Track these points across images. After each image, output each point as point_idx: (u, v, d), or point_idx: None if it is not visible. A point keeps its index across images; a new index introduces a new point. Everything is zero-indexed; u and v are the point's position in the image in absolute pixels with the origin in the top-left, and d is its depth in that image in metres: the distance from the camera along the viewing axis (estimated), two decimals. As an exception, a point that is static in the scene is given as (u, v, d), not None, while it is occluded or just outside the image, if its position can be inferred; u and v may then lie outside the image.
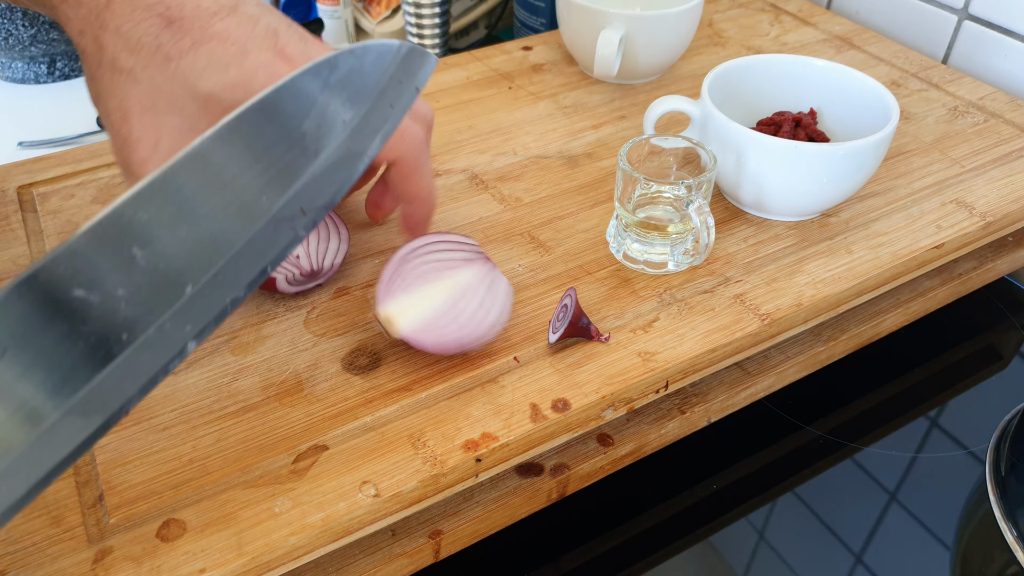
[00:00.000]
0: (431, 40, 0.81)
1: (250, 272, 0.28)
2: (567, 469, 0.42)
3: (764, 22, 0.75)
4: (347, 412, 0.39)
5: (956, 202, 0.52)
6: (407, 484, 0.35)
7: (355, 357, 0.41)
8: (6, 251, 0.48)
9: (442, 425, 0.38)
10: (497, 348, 0.42)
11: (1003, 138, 0.59)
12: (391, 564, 0.38)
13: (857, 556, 0.43)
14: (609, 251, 0.48)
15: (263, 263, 0.28)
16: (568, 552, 0.43)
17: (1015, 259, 0.57)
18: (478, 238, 0.49)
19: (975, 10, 0.68)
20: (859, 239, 0.49)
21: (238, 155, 0.28)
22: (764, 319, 0.44)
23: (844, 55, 0.69)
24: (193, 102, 0.36)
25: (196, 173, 0.27)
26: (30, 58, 0.78)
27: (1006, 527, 0.43)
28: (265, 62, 0.35)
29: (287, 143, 0.29)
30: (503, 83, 0.65)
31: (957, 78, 0.66)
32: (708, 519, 0.45)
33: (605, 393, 0.39)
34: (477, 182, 0.54)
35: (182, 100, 0.36)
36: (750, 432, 0.49)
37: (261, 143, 0.29)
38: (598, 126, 0.60)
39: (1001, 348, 0.56)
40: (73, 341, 0.24)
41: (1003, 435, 0.48)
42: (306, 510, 0.34)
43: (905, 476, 0.47)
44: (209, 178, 0.27)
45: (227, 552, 0.33)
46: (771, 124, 0.52)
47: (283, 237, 0.29)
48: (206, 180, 0.27)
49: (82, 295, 0.24)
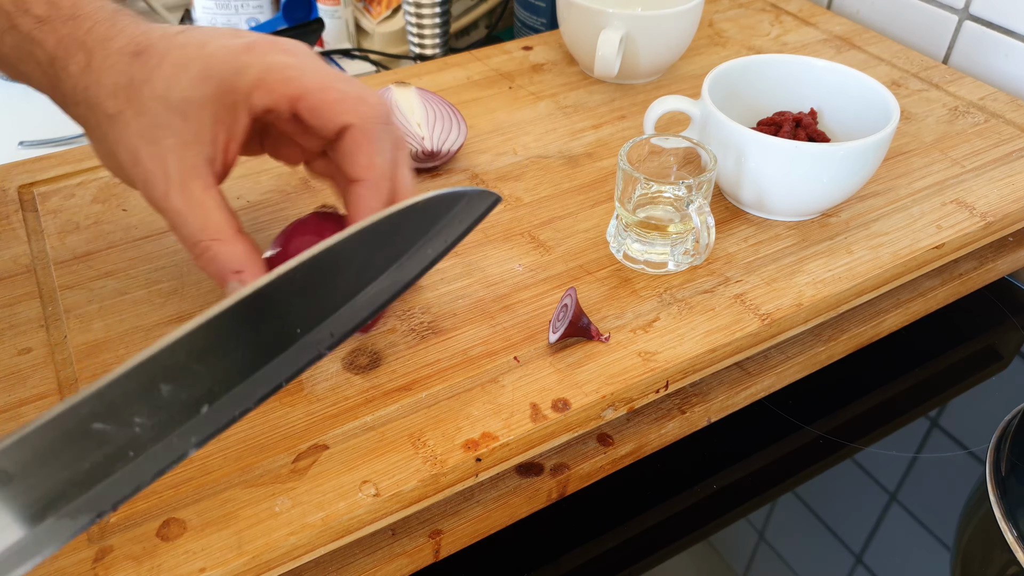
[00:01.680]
0: (431, 40, 0.81)
1: (266, 388, 0.28)
2: (567, 469, 0.42)
3: (764, 22, 0.75)
4: (347, 412, 0.39)
5: (956, 202, 0.52)
6: (407, 484, 0.35)
7: (355, 357, 0.41)
8: (7, 250, 0.48)
9: (442, 425, 0.38)
10: (497, 348, 0.42)
11: (1003, 138, 0.59)
12: (391, 564, 0.38)
13: (857, 556, 0.43)
14: (609, 251, 0.48)
15: (280, 380, 0.28)
16: (568, 552, 0.43)
17: (1015, 259, 0.57)
18: (478, 238, 0.49)
19: (976, 10, 0.68)
20: (859, 239, 0.49)
21: (284, 298, 0.28)
22: (764, 319, 0.44)
23: (844, 55, 0.69)
24: (175, 116, 0.36)
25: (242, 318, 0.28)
26: (31, 58, 0.78)
27: (1006, 527, 0.43)
28: (222, 45, 0.36)
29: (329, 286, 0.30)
30: (503, 83, 0.65)
31: (958, 78, 0.66)
32: (708, 519, 0.45)
33: (605, 393, 0.39)
34: (478, 182, 0.54)
35: (167, 118, 0.36)
36: (750, 432, 0.49)
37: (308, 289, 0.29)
38: (598, 126, 0.60)
39: (1001, 348, 0.56)
40: (81, 462, 0.25)
41: (1003, 435, 0.48)
42: (306, 509, 0.34)
43: (905, 476, 0.48)
44: (254, 320, 0.28)
45: (227, 551, 0.33)
46: (771, 124, 0.52)
47: (306, 357, 0.29)
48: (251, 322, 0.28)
49: (101, 427, 0.25)
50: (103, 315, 0.44)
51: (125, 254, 0.48)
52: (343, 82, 0.37)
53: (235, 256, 0.38)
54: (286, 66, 0.36)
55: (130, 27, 0.37)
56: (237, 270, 0.37)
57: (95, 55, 0.37)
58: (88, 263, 0.47)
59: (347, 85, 0.37)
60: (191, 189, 0.37)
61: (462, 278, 0.46)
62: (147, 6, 0.91)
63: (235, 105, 0.36)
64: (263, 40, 0.37)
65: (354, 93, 0.37)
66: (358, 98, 0.37)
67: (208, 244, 0.37)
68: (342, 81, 0.37)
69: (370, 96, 0.37)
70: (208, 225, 0.38)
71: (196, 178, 0.37)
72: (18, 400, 0.39)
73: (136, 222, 0.50)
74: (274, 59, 0.36)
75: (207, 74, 0.36)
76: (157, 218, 0.50)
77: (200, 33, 0.37)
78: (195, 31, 0.37)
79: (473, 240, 0.49)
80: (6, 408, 0.39)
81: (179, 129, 0.36)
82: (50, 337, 0.43)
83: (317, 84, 0.36)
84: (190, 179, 0.37)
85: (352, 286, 0.31)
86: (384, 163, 0.38)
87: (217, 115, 0.37)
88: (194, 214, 0.38)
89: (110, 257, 0.47)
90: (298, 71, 0.36)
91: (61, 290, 0.45)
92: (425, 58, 0.82)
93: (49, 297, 0.45)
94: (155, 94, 0.36)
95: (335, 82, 0.37)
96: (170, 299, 0.45)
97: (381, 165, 0.38)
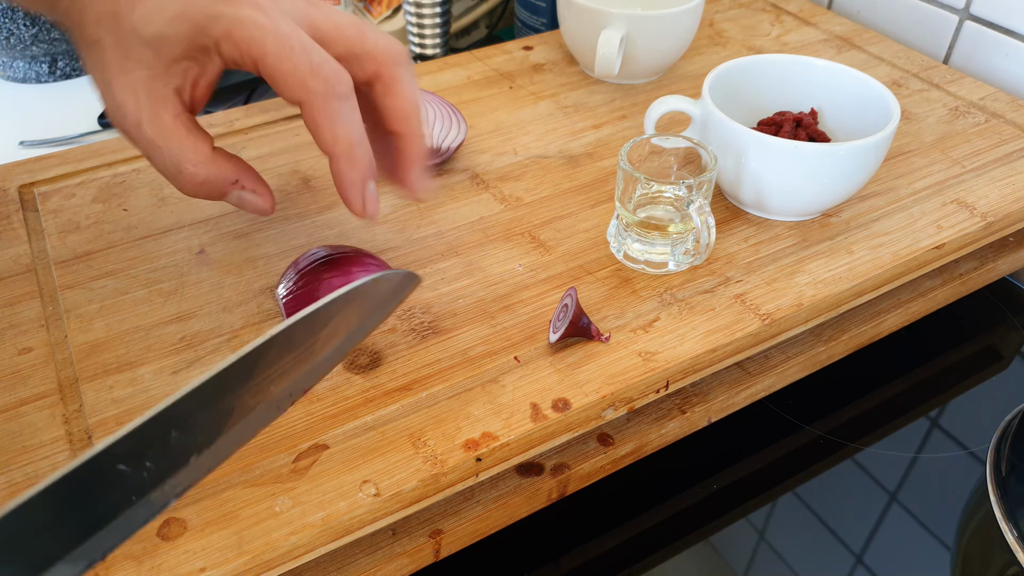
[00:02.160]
0: (432, 40, 0.81)
1: (242, 439, 0.29)
2: (567, 469, 0.42)
3: (765, 22, 0.75)
4: (347, 411, 0.39)
5: (957, 202, 0.52)
6: (407, 483, 0.35)
7: (356, 356, 0.41)
8: (8, 250, 0.48)
9: (442, 424, 0.38)
10: (498, 348, 0.42)
11: (1004, 138, 0.59)
12: (391, 563, 0.38)
13: (857, 556, 0.43)
14: (610, 251, 0.48)
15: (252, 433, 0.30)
16: (568, 552, 0.43)
17: (1016, 259, 0.57)
18: (479, 238, 0.49)
19: (976, 10, 0.68)
20: (860, 239, 0.49)
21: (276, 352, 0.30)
22: (764, 319, 0.44)
23: (845, 55, 0.69)
24: (148, 49, 0.37)
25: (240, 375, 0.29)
26: (31, 57, 0.78)
27: (1006, 527, 0.43)
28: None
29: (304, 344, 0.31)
30: (504, 83, 0.65)
31: (958, 78, 0.66)
32: (708, 519, 0.45)
33: (605, 393, 0.39)
34: (478, 182, 0.54)
35: (140, 52, 0.37)
36: (750, 432, 0.49)
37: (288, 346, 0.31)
38: (599, 126, 0.60)
39: (1002, 348, 0.56)
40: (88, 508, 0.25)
41: (1004, 435, 0.48)
42: (306, 509, 0.34)
43: (905, 476, 0.47)
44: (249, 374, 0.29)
45: (227, 551, 0.33)
46: (772, 124, 0.52)
47: (273, 415, 0.30)
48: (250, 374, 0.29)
49: (124, 469, 0.25)
50: (103, 315, 0.44)
51: (125, 254, 0.48)
52: (303, 50, 0.36)
53: (223, 170, 0.39)
54: (254, 24, 0.36)
55: None
56: (232, 180, 0.39)
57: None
58: (88, 263, 0.47)
59: (304, 55, 0.36)
60: (162, 118, 0.38)
61: (462, 278, 0.46)
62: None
63: (206, 48, 0.37)
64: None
65: (305, 67, 0.36)
66: (310, 72, 0.36)
67: (190, 169, 0.39)
68: (303, 49, 0.36)
69: (325, 69, 0.37)
70: (183, 151, 0.38)
71: (165, 108, 0.38)
72: (19, 400, 0.39)
73: (136, 222, 0.50)
74: (244, 14, 0.36)
75: (183, 15, 0.36)
76: (157, 218, 0.50)
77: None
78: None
79: (474, 240, 0.49)
80: (7, 408, 0.39)
81: (150, 62, 0.37)
82: (50, 337, 0.43)
83: (275, 50, 0.36)
84: (160, 108, 0.38)
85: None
86: (346, 134, 0.38)
87: (188, 53, 0.37)
88: (168, 142, 0.38)
89: (110, 257, 0.48)
90: (262, 32, 0.36)
91: (61, 290, 0.45)
92: (425, 58, 0.82)
93: (49, 297, 0.45)
94: (132, 26, 0.37)
95: (295, 51, 0.36)
96: (170, 299, 0.45)
97: (345, 136, 0.38)
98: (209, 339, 0.42)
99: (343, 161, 0.38)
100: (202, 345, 0.42)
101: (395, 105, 0.41)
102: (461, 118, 0.55)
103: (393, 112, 0.41)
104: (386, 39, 0.40)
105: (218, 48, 0.37)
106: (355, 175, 0.39)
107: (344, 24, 0.39)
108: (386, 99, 0.41)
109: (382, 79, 0.40)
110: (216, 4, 0.36)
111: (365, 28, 0.40)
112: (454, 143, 0.54)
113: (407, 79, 0.41)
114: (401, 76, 0.40)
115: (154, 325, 0.43)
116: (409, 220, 0.51)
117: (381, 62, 0.40)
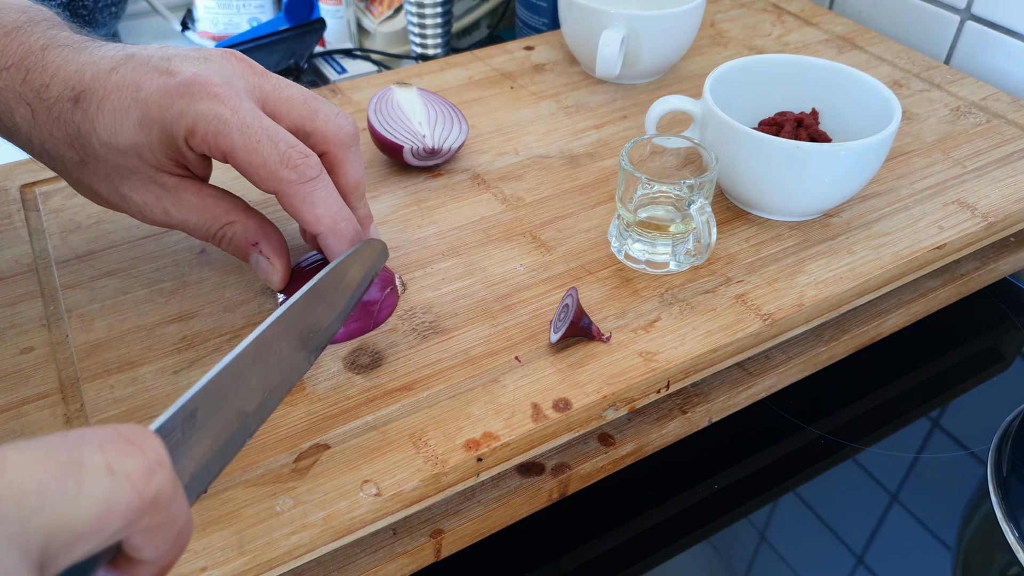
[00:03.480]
0: (433, 40, 0.81)
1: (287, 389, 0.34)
2: (568, 469, 0.42)
3: (766, 22, 0.75)
4: (349, 411, 0.39)
5: (958, 203, 0.52)
6: (408, 483, 0.35)
7: (356, 356, 0.41)
8: (9, 250, 0.48)
9: (443, 424, 0.38)
10: (498, 348, 0.42)
11: (1005, 139, 0.59)
12: (392, 563, 0.38)
13: (858, 557, 0.43)
14: (610, 251, 0.48)
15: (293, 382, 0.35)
16: (569, 552, 0.43)
17: (1017, 260, 0.57)
18: (480, 238, 0.49)
19: (977, 10, 0.68)
20: (861, 239, 0.49)
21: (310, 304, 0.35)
22: (765, 319, 0.44)
23: (846, 55, 0.69)
24: (130, 157, 0.38)
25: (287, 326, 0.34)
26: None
27: (1007, 528, 0.43)
28: (157, 88, 0.36)
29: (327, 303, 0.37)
30: (505, 83, 0.65)
31: (959, 78, 0.66)
32: (709, 519, 0.45)
33: (606, 393, 0.39)
34: (479, 182, 0.54)
35: (125, 160, 0.38)
36: (751, 432, 0.49)
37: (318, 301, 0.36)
38: (600, 126, 0.60)
39: (1003, 349, 0.56)
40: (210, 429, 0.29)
41: (1005, 436, 0.48)
42: (307, 509, 0.34)
43: (906, 477, 0.47)
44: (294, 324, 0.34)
45: (228, 551, 0.33)
46: (773, 124, 0.52)
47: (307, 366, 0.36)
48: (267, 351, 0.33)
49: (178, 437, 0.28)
50: (105, 314, 0.44)
51: (126, 253, 0.48)
52: (269, 140, 0.36)
53: (248, 232, 0.40)
54: (216, 118, 0.36)
55: (62, 67, 0.38)
56: (253, 243, 0.40)
57: (37, 109, 0.38)
58: (90, 262, 0.47)
59: (271, 145, 0.36)
60: (184, 199, 0.39)
61: (463, 278, 0.46)
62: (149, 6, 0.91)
63: (180, 147, 0.37)
64: (198, 79, 0.36)
65: (275, 158, 0.36)
66: (280, 162, 0.37)
67: (221, 231, 0.40)
68: (268, 139, 0.36)
69: (294, 156, 0.37)
70: (216, 217, 0.40)
71: (183, 189, 0.39)
72: (20, 399, 0.39)
73: (137, 222, 0.50)
74: (205, 108, 0.36)
75: (147, 121, 0.37)
76: (159, 218, 0.50)
77: (133, 69, 0.37)
78: (128, 66, 0.37)
79: (474, 240, 0.49)
80: (8, 407, 0.39)
81: (142, 166, 0.38)
82: (52, 336, 0.43)
83: (242, 144, 0.36)
84: (179, 191, 0.39)
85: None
86: (328, 212, 0.39)
87: (168, 153, 0.38)
88: (198, 215, 0.40)
89: (111, 256, 0.48)
90: (226, 126, 0.36)
91: (63, 289, 0.45)
92: (427, 58, 0.82)
93: (51, 296, 0.45)
94: (103, 142, 0.37)
95: (261, 143, 0.36)
96: (172, 298, 0.45)
97: (325, 216, 0.39)
98: (210, 339, 0.42)
99: (330, 238, 0.39)
100: (203, 345, 0.42)
101: (337, 183, 0.41)
102: (462, 118, 0.56)
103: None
104: (336, 117, 0.41)
105: (188, 144, 0.37)
106: (344, 246, 0.39)
107: (295, 100, 0.40)
108: (331, 177, 0.41)
109: (328, 158, 0.41)
110: (173, 102, 0.36)
111: (317, 105, 0.40)
112: (455, 143, 0.54)
113: (353, 161, 0.42)
114: (348, 159, 0.41)
115: (155, 325, 0.43)
116: (410, 220, 0.51)
117: (331, 143, 0.40)
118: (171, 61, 0.37)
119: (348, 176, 0.42)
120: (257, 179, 0.37)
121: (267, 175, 0.37)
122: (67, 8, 0.75)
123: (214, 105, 0.36)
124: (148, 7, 0.92)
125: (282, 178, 0.37)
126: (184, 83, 0.36)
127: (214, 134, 0.36)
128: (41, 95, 0.37)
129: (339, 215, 0.39)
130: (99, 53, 0.38)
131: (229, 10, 0.87)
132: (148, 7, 0.92)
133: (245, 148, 0.36)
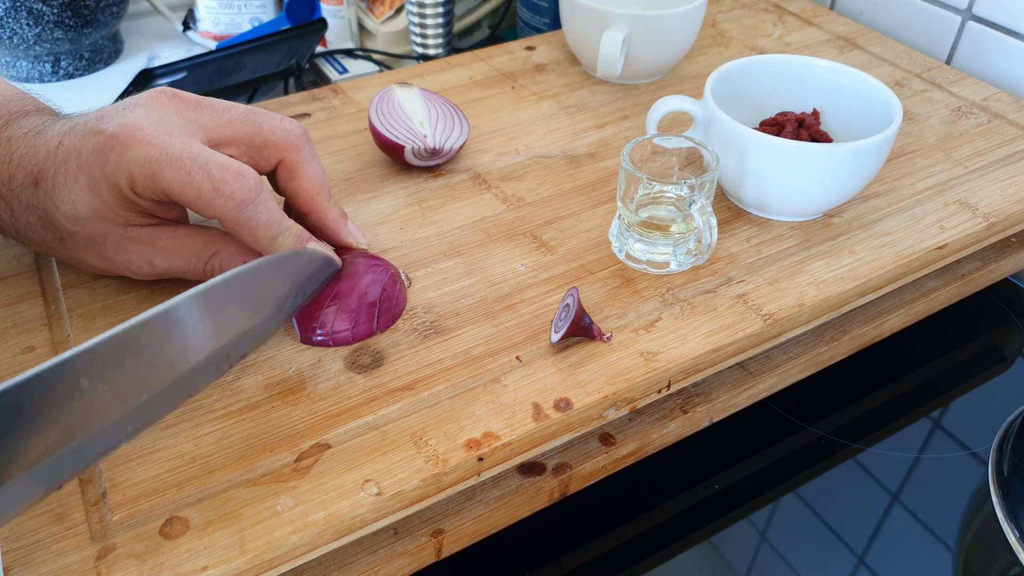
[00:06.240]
0: (434, 40, 0.81)
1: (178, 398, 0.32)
2: (569, 468, 0.42)
3: (767, 22, 0.75)
4: (349, 411, 0.39)
5: (959, 203, 0.52)
6: (409, 483, 0.35)
7: (357, 356, 0.41)
8: (10, 249, 0.48)
9: (444, 424, 0.38)
10: (499, 347, 0.42)
11: (1006, 139, 0.59)
12: (393, 563, 0.38)
13: (859, 557, 0.43)
14: (611, 251, 0.48)
15: (188, 392, 0.33)
16: (570, 551, 0.43)
17: (1018, 260, 0.57)
18: (481, 238, 0.49)
19: (979, 11, 0.68)
20: (862, 239, 0.49)
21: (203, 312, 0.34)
22: (766, 319, 0.44)
23: (847, 55, 0.69)
24: (98, 221, 0.39)
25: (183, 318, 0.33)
26: (34, 57, 0.78)
27: (1008, 528, 0.43)
28: (91, 148, 0.37)
29: (237, 306, 0.35)
30: (506, 83, 0.65)
31: (960, 79, 0.66)
32: (710, 519, 0.45)
33: (607, 393, 0.39)
34: (480, 182, 0.54)
35: (94, 226, 0.39)
36: (752, 432, 0.49)
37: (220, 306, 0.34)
38: (601, 126, 0.60)
39: (1004, 349, 0.56)
40: (53, 424, 0.27)
41: (1006, 436, 0.48)
42: (308, 508, 0.34)
43: (907, 477, 0.47)
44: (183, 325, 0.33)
45: (229, 550, 0.33)
46: (774, 124, 0.52)
47: (210, 375, 0.34)
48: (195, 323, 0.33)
49: (85, 384, 0.27)
50: (106, 314, 0.44)
51: (128, 253, 0.48)
52: (200, 170, 0.37)
53: (232, 257, 0.41)
54: (146, 161, 0.36)
55: (26, 155, 0.39)
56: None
57: (11, 200, 0.39)
58: (91, 262, 0.47)
59: (203, 175, 0.37)
60: (162, 245, 0.41)
61: (464, 277, 0.46)
62: (151, 6, 0.91)
63: (131, 197, 0.38)
64: (123, 129, 0.37)
65: (208, 188, 0.37)
66: (214, 191, 0.37)
67: (208, 265, 0.41)
68: (199, 169, 0.37)
69: (228, 182, 0.37)
70: (198, 254, 0.41)
71: (157, 236, 0.41)
72: (21, 398, 0.39)
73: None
74: (135, 155, 0.36)
75: (93, 184, 0.37)
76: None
77: (73, 138, 0.38)
78: (69, 136, 0.38)
79: (476, 240, 0.49)
80: (9, 406, 0.39)
81: (111, 227, 0.39)
82: (53, 336, 0.43)
83: (175, 180, 0.37)
84: (155, 240, 0.40)
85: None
86: (267, 231, 0.39)
87: (126, 206, 0.39)
88: (181, 258, 0.41)
89: (113, 256, 0.48)
90: (157, 166, 0.36)
91: (64, 289, 0.45)
92: (428, 58, 0.82)
93: (52, 296, 0.45)
94: (67, 216, 0.38)
95: (192, 175, 0.37)
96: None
97: (265, 236, 0.39)
98: (211, 338, 0.42)
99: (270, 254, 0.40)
100: (204, 344, 0.42)
101: (299, 187, 0.42)
102: (463, 118, 0.56)
103: (297, 194, 0.43)
104: (282, 123, 0.41)
105: (136, 193, 0.38)
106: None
107: (236, 120, 0.40)
108: (291, 182, 0.42)
109: (285, 164, 0.42)
110: (108, 156, 0.37)
111: (259, 119, 0.41)
112: (456, 143, 0.54)
113: (309, 160, 0.42)
114: (303, 159, 0.42)
115: (156, 324, 0.43)
116: (411, 220, 0.51)
117: (283, 149, 0.41)
118: (102, 119, 0.38)
119: (310, 178, 0.42)
120: (198, 210, 0.38)
121: (205, 205, 0.37)
122: (68, 8, 0.75)
123: (142, 149, 0.36)
124: (150, 7, 0.92)
125: (219, 207, 0.37)
126: (112, 136, 0.37)
127: (149, 176, 0.36)
128: (10, 186, 0.39)
129: (278, 232, 0.39)
130: (52, 131, 0.39)
131: (230, 10, 0.87)
132: (150, 7, 0.92)
133: (179, 183, 0.37)
